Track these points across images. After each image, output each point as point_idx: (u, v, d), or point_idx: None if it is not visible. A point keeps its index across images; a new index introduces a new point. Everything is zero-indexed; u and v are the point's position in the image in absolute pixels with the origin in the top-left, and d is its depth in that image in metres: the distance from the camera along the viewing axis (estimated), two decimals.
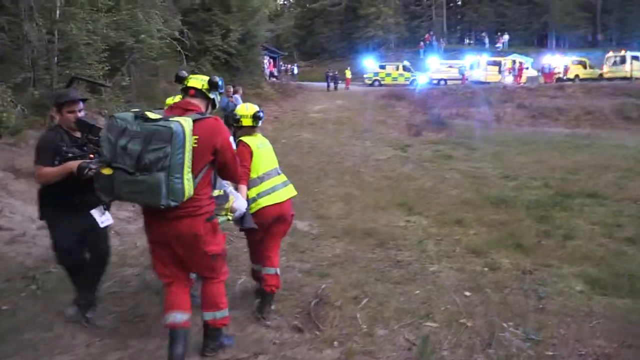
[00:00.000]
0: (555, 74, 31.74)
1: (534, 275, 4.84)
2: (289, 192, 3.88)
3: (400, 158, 12.46)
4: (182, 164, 2.60)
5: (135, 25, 13.37)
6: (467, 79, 32.87)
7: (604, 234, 6.37)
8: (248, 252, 4.12)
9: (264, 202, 3.67)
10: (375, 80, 35.56)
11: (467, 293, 4.32)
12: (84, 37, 9.37)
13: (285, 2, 65.67)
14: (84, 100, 3.57)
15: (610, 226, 6.66)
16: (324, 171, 10.38)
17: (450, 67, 35.62)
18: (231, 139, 3.05)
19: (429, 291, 4.34)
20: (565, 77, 31.48)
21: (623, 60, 31.08)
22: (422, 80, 34.37)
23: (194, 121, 2.72)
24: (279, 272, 3.86)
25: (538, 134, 17.78)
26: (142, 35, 13.15)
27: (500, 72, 32.05)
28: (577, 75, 31.84)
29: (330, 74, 33.40)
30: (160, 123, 2.62)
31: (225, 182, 3.32)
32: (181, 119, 2.66)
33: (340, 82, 33.91)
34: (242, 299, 4.07)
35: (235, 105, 12.94)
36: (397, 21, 49.52)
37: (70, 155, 3.30)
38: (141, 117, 2.66)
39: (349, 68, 37.08)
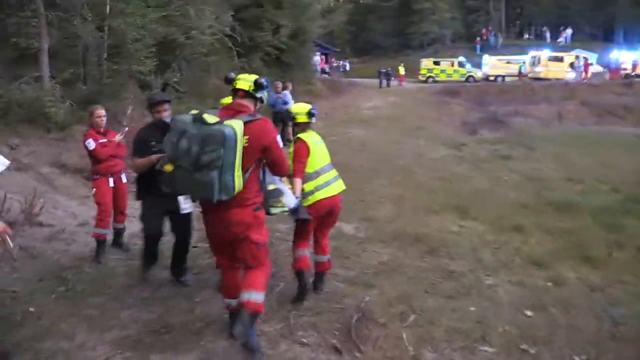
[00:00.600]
0: (623, 70, 29.88)
1: (605, 293, 4.34)
2: (340, 186, 4.16)
3: (454, 157, 11.88)
4: (233, 163, 2.86)
5: (186, 22, 13.49)
6: (525, 76, 31.50)
7: None
8: (293, 242, 4.16)
9: (320, 195, 3.96)
10: (430, 76, 34.79)
11: (529, 312, 3.88)
12: (133, 32, 9.41)
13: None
14: (168, 102, 4.24)
15: None
16: (374, 170, 9.99)
17: (509, 62, 34.25)
18: (278, 137, 3.26)
19: (485, 308, 3.93)
20: (634, 74, 29.60)
21: None
22: (478, 76, 33.35)
23: (245, 123, 2.96)
24: (329, 258, 4.26)
25: (604, 134, 16.61)
26: (193, 32, 13.22)
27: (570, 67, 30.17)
28: None
29: (383, 70, 32.85)
30: (215, 127, 2.87)
31: (276, 177, 3.55)
32: (233, 122, 2.90)
33: (393, 78, 33.28)
34: (277, 310, 3.79)
35: (285, 102, 12.81)
36: (453, 16, 47.97)
37: (154, 149, 3.87)
38: (199, 120, 2.93)
39: (402, 64, 36.22)
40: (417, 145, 13.51)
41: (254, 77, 3.21)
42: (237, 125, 2.89)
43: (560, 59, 31.47)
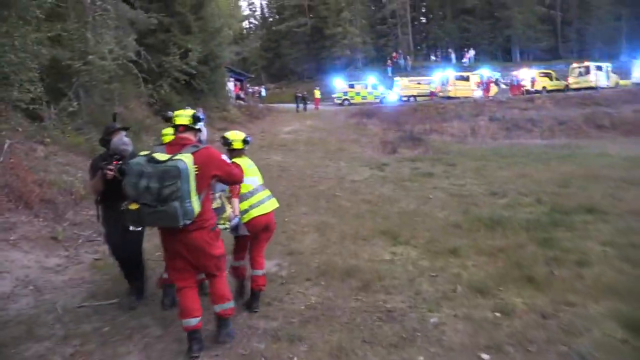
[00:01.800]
0: (522, 86, 31.81)
1: (558, 320, 3.88)
2: (273, 204, 4.52)
3: (378, 178, 11.51)
4: (190, 191, 3.23)
5: (82, 46, 12.25)
6: (435, 95, 32.68)
7: (619, 257, 5.49)
8: (232, 254, 4.55)
9: (255, 212, 4.32)
10: (345, 99, 35.08)
11: (485, 356, 3.31)
12: (10, 55, 8.11)
13: (251, 25, 65.42)
14: (125, 129, 4.73)
15: (623, 247, 5.80)
16: (296, 197, 9.33)
17: (419, 83, 35.48)
18: (223, 156, 3.69)
19: (434, 356, 3.30)
20: (533, 90, 31.56)
21: (587, 71, 31.41)
22: (391, 97, 34.13)
23: (193, 153, 3.35)
24: (265, 272, 4.50)
25: (516, 147, 17.23)
26: (91, 56, 11.98)
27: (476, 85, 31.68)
28: (544, 87, 32.17)
29: (300, 95, 32.73)
30: (169, 164, 3.22)
31: (218, 194, 4.07)
32: (183, 156, 3.27)
33: (309, 102, 33.18)
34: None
35: None
36: (364, 40, 49.34)
37: (101, 165, 4.21)
38: (152, 160, 3.27)
39: (317, 88, 36.32)
40: (338, 167, 13.07)
41: (191, 112, 3.62)
42: (187, 158, 3.27)
43: (467, 78, 32.96)
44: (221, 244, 3.63)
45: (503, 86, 32.57)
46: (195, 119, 3.56)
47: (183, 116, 3.55)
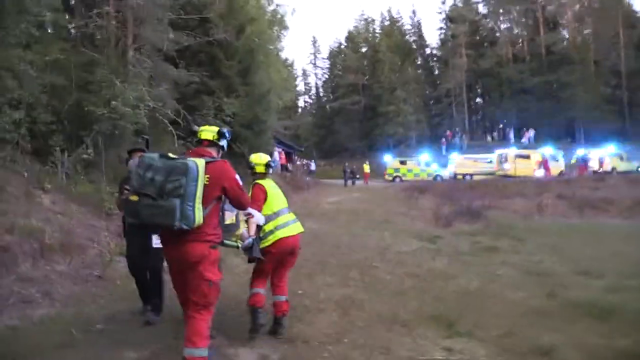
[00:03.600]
0: (590, 167, 29.42)
1: None
2: (299, 227, 4.46)
3: (428, 251, 9.42)
4: (194, 194, 3.10)
5: (108, 92, 11.39)
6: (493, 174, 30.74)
7: None
8: (250, 280, 4.34)
9: (281, 234, 4.20)
10: (397, 176, 33.48)
11: None
12: None
13: (306, 104, 66.58)
14: (142, 150, 4.83)
15: None
16: (322, 265, 7.42)
17: (476, 160, 33.54)
18: (237, 176, 3.47)
19: None
20: (601, 170, 29.06)
21: None
22: (445, 175, 32.32)
23: (207, 163, 3.27)
24: (287, 299, 4.35)
25: (594, 225, 14.60)
26: (114, 102, 11.07)
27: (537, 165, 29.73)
28: (614, 168, 29.58)
29: (348, 169, 31.55)
30: (179, 161, 3.22)
31: (235, 212, 3.92)
32: (196, 159, 3.24)
33: (358, 177, 31.88)
34: None
35: None
36: (417, 119, 48.45)
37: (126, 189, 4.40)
38: (165, 157, 3.27)
39: (367, 162, 35.07)
40: (381, 237, 11.05)
41: (216, 128, 3.60)
42: (199, 161, 3.20)
43: (527, 157, 30.99)
44: (218, 272, 3.34)
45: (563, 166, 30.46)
46: (221, 135, 3.51)
47: (208, 131, 3.54)
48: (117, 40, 14.20)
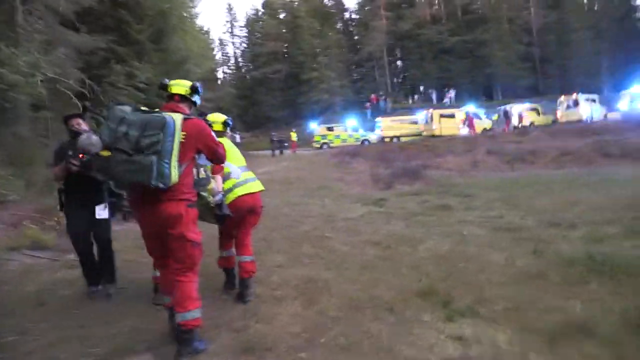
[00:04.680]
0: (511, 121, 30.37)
1: None
2: (259, 185, 4.25)
3: (379, 214, 8.58)
4: (171, 151, 2.90)
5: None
6: (419, 135, 30.96)
7: None
8: (219, 243, 4.30)
9: (240, 191, 4.06)
10: (324, 143, 32.67)
11: None
12: None
13: (225, 75, 63.65)
14: (81, 116, 4.60)
15: None
16: (268, 241, 6.33)
17: (402, 122, 33.50)
18: (212, 132, 3.37)
19: None
20: (520, 125, 30.04)
21: (576, 104, 30.28)
22: (373, 139, 32.02)
23: (184, 119, 3.06)
24: (254, 258, 4.18)
25: (531, 177, 14.54)
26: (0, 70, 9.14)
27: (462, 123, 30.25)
28: (532, 122, 30.67)
29: (276, 139, 30.36)
30: (155, 114, 2.99)
31: (202, 167, 3.58)
32: (172, 114, 3.03)
33: (287, 144, 30.80)
34: None
35: None
36: (342, 84, 47.74)
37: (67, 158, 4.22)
38: (138, 110, 3.07)
39: (294, 130, 33.99)
40: (323, 205, 10.12)
41: (189, 82, 3.37)
42: (176, 117, 3.00)
43: (452, 116, 31.34)
44: (199, 232, 3.16)
45: (488, 123, 31.21)
46: (194, 89, 3.35)
47: (179, 85, 3.34)
48: None
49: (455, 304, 3.46)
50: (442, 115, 31.33)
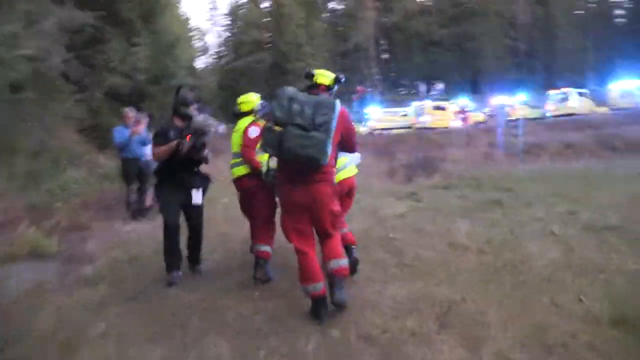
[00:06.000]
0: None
1: None
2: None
3: (425, 210, 7.67)
4: (332, 133, 3.16)
5: None
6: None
7: None
8: None
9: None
10: None
11: None
12: None
13: (207, 65, 61.68)
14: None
15: None
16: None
17: (394, 115, 32.79)
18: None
19: None
20: (512, 119, 29.77)
21: (566, 98, 30.17)
22: (363, 131, 31.17)
23: None
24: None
25: (553, 170, 13.97)
26: None
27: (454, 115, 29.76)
28: (523, 116, 30.38)
29: None
30: (324, 97, 3.39)
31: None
32: (334, 99, 3.31)
33: None
34: None
35: (143, 142, 8.14)
36: None
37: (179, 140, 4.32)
38: (303, 92, 3.36)
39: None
40: (357, 199, 9.15)
41: (332, 74, 3.73)
42: (338, 103, 3.28)
43: (444, 108, 30.82)
44: (338, 202, 3.59)
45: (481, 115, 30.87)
46: (337, 80, 3.65)
47: (325, 76, 3.64)
48: None
49: None
50: (434, 108, 30.78)
